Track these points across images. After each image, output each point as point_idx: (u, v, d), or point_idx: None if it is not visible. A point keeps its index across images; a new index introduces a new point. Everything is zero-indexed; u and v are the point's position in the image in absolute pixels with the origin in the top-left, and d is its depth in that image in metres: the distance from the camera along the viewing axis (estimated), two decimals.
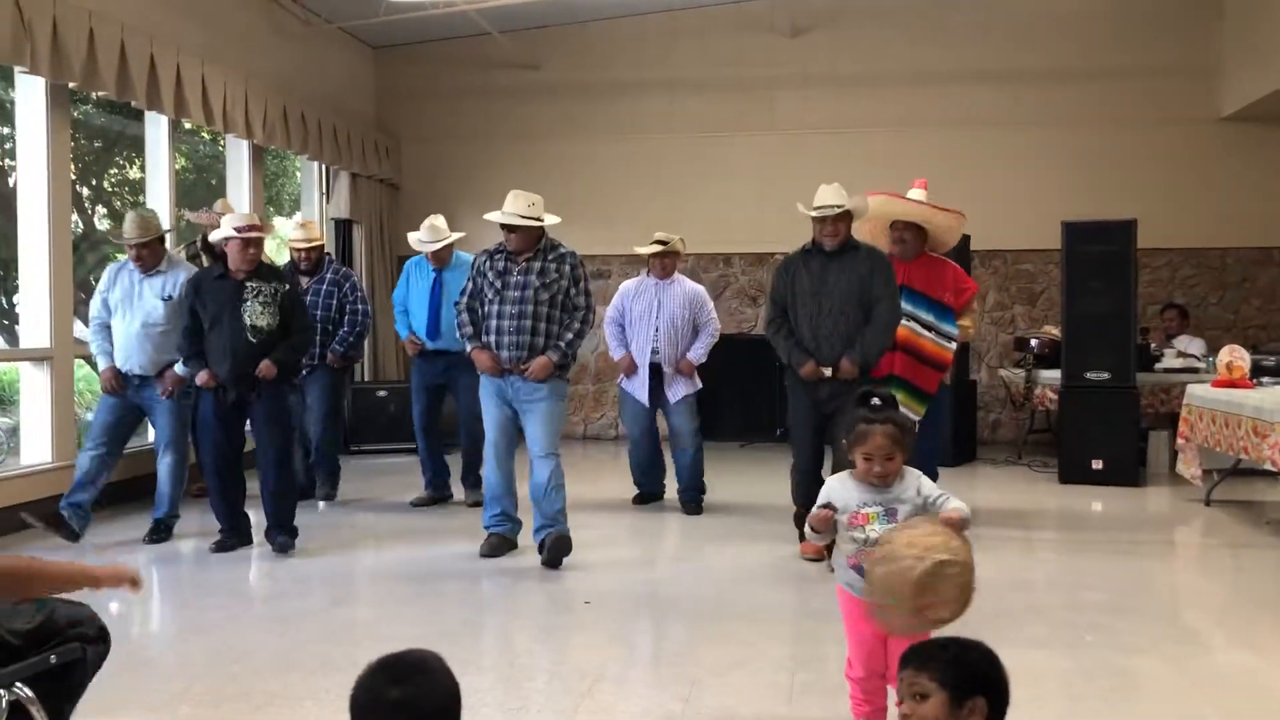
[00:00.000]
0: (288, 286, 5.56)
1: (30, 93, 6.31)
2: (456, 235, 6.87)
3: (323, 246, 7.04)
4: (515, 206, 5.29)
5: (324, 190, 9.81)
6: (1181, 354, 8.26)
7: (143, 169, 8.05)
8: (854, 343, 5.16)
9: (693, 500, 6.57)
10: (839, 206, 5.21)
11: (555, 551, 5.14)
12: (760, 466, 8.27)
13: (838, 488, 2.90)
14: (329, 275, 6.89)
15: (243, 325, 5.36)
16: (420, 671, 1.82)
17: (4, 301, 8.93)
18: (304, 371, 6.51)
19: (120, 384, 5.80)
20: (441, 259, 6.78)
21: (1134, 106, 9.56)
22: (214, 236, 5.60)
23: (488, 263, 5.37)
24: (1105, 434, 7.35)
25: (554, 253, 5.34)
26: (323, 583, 5.07)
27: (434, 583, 4.93)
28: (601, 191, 10.18)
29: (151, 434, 7.53)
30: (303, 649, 3.98)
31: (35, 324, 6.37)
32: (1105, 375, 7.38)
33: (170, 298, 5.78)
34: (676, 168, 10.09)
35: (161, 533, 5.83)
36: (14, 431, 7.44)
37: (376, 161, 10.08)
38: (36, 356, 6.34)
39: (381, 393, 9.44)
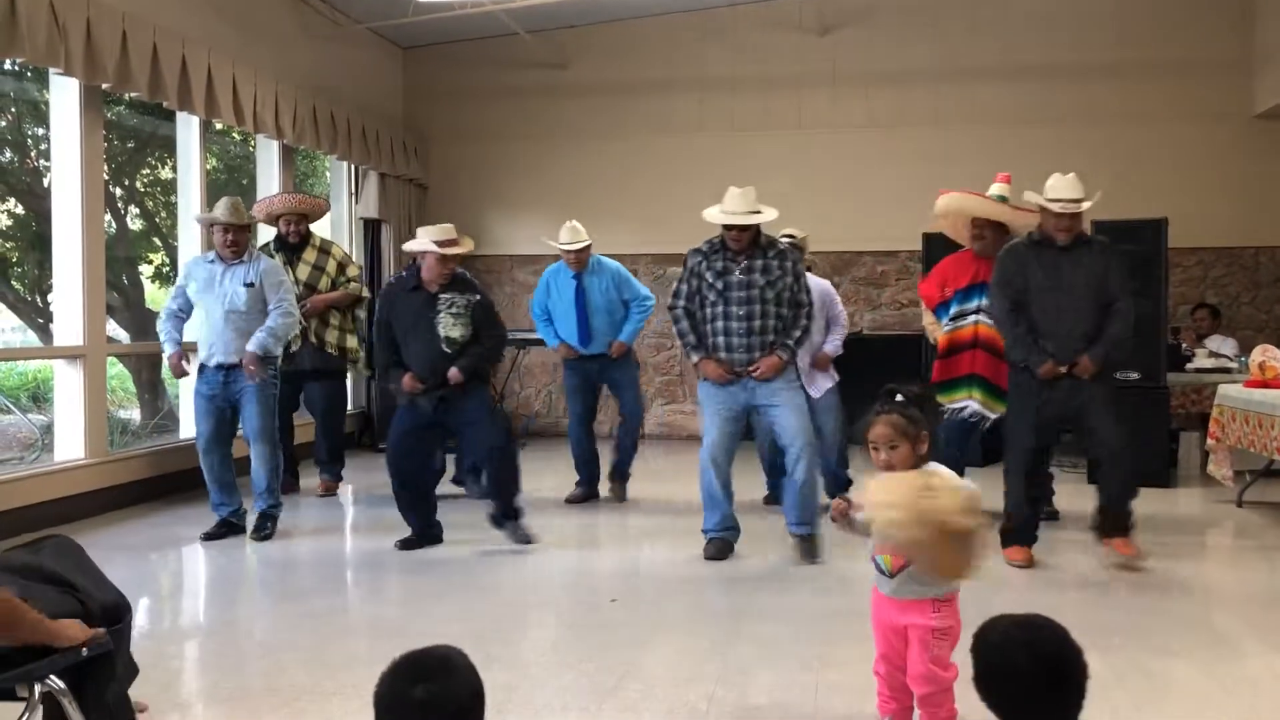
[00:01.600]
0: (479, 297, 5.52)
1: (64, 94, 6.39)
2: (589, 243, 6.78)
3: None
4: (738, 204, 5.18)
5: (353, 190, 9.88)
6: (1213, 354, 8.17)
7: (174, 169, 8.13)
8: (1091, 340, 4.98)
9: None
10: (1077, 201, 4.99)
11: (812, 552, 5.22)
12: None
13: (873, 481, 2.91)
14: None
15: (437, 337, 5.36)
16: (444, 670, 1.81)
17: (38, 300, 9.04)
18: None
19: (183, 368, 5.88)
20: (581, 262, 6.73)
21: (1166, 103, 9.47)
22: (410, 247, 5.56)
23: (704, 263, 5.27)
24: (1135, 435, 7.27)
25: (774, 249, 5.27)
26: (353, 578, 5.12)
27: (463, 579, 4.95)
28: (629, 191, 10.20)
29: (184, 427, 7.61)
30: (331, 645, 4.01)
31: (69, 323, 6.45)
32: (1135, 375, 7.30)
33: (252, 284, 5.81)
34: (705, 166, 10.04)
35: (269, 526, 5.83)
36: (48, 429, 7.53)
37: (405, 161, 10.13)
38: (70, 355, 6.42)
39: None
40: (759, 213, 5.18)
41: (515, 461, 5.56)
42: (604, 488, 6.99)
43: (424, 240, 5.39)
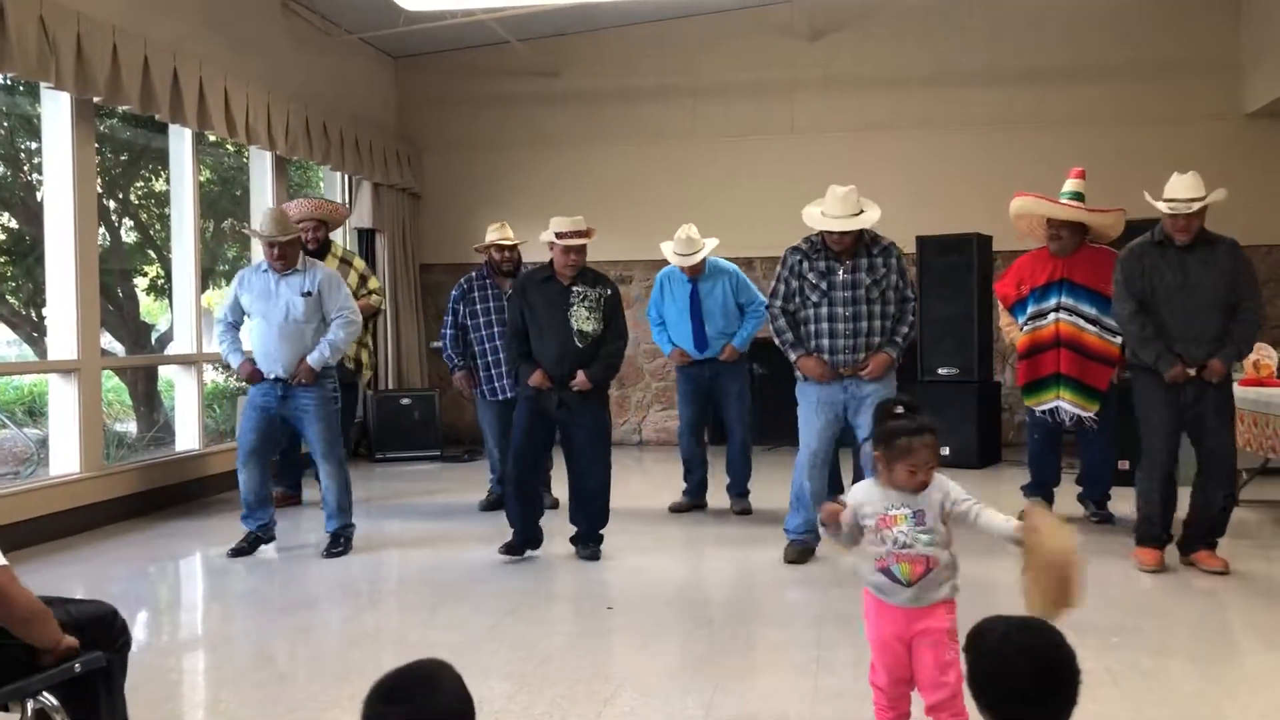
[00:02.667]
0: (610, 290, 5.41)
1: (56, 108, 6.38)
2: (712, 243, 6.60)
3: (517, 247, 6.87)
4: (840, 208, 4.97)
5: (346, 200, 9.88)
6: None
7: (168, 181, 8.12)
8: (1220, 341, 4.87)
9: None
10: (1192, 202, 4.85)
11: None
12: (783, 469, 8.24)
13: (861, 493, 2.90)
14: None
15: (570, 330, 5.26)
16: (425, 687, 1.75)
17: (33, 314, 9.03)
18: None
19: (258, 373, 5.62)
20: (696, 269, 6.56)
21: (1157, 104, 9.49)
22: (541, 238, 5.44)
23: (805, 263, 5.11)
24: (1130, 434, 7.27)
25: (877, 246, 5.11)
26: (350, 589, 5.10)
27: (460, 589, 4.94)
28: (623, 197, 10.20)
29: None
30: (330, 656, 4.00)
31: (62, 336, 6.43)
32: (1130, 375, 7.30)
33: (310, 293, 5.61)
34: (698, 172, 10.09)
35: (341, 544, 5.68)
36: (43, 443, 7.51)
37: (398, 171, 10.14)
38: (64, 368, 6.40)
39: (405, 400, 9.49)
40: (862, 213, 4.99)
41: (608, 487, 5.50)
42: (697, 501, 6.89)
43: (549, 231, 5.33)
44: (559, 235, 5.27)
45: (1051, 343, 5.84)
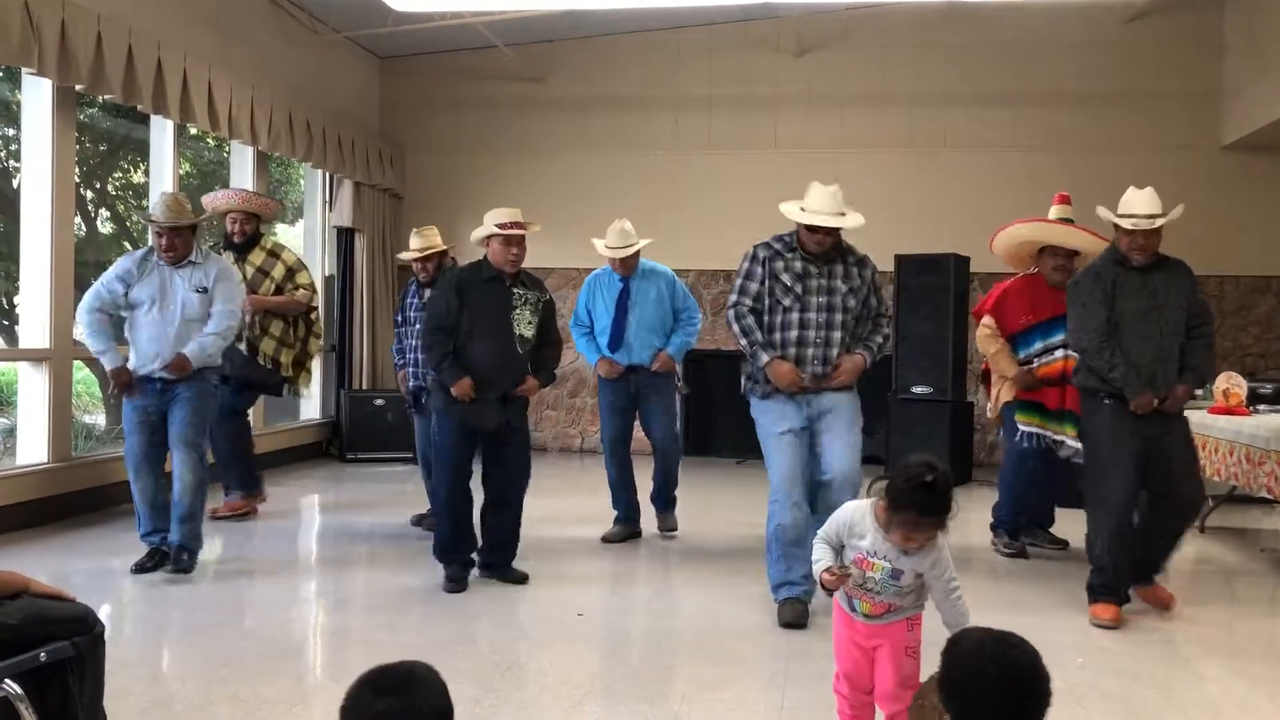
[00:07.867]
0: (549, 296, 5.16)
1: (36, 94, 6.34)
2: (645, 241, 6.23)
3: (445, 252, 6.42)
4: (826, 204, 4.59)
5: (327, 198, 9.84)
6: None
7: (147, 173, 8.07)
8: (1177, 366, 4.63)
9: None
10: (1154, 218, 4.62)
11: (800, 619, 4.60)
12: (756, 483, 8.26)
13: (859, 520, 2.79)
14: None
15: (513, 335, 4.95)
16: (409, 683, 1.77)
17: (4, 302, 8.93)
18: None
19: (130, 381, 5.18)
20: (629, 266, 6.23)
21: (1136, 133, 9.61)
22: (475, 235, 5.06)
23: (778, 261, 4.67)
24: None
25: (853, 255, 4.77)
26: (317, 592, 5.07)
27: (427, 593, 4.92)
28: (603, 205, 10.18)
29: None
30: (295, 656, 3.98)
31: (35, 325, 6.38)
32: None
33: (204, 290, 5.22)
34: (680, 184, 10.12)
35: (185, 560, 5.18)
36: (11, 432, 7.42)
37: (380, 171, 10.11)
38: (35, 357, 6.35)
39: (378, 401, 9.45)
40: (846, 215, 4.63)
41: (521, 510, 5.21)
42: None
43: (487, 224, 4.96)
44: (500, 227, 4.93)
45: (1058, 378, 5.64)
